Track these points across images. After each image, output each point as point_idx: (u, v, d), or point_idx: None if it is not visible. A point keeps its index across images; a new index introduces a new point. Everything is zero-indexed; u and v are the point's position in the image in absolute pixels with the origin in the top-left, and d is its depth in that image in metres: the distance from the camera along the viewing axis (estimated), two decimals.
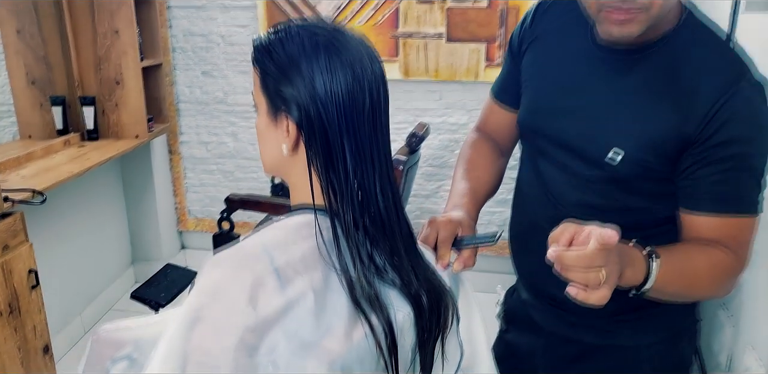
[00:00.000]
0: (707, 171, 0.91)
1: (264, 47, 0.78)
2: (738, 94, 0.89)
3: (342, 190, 0.76)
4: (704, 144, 0.90)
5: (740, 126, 0.89)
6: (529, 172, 1.12)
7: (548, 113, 1.05)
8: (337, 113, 0.75)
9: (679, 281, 0.87)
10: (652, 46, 0.95)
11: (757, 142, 0.91)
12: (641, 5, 0.87)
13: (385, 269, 0.78)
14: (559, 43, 1.05)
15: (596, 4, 0.91)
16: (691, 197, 0.93)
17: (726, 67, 0.93)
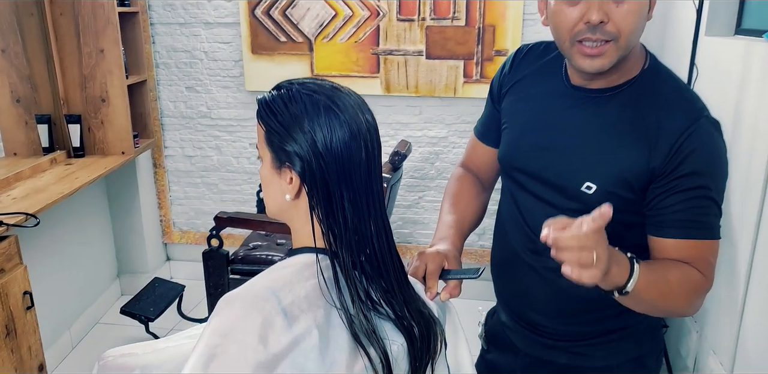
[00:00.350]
0: (672, 200, 1.00)
1: (268, 106, 0.85)
2: (698, 131, 0.99)
3: (341, 234, 0.84)
4: (669, 176, 0.99)
5: (701, 160, 0.99)
6: (508, 204, 1.20)
7: (526, 149, 1.13)
8: (336, 167, 0.82)
9: (655, 288, 0.94)
10: (620, 87, 1.05)
11: (716, 173, 1.01)
12: (610, 35, 0.96)
13: (381, 305, 0.86)
14: (535, 85, 1.14)
15: (569, 37, 0.99)
16: (659, 225, 1.02)
17: (686, 107, 1.02)
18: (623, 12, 0.95)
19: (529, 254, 1.14)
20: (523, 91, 1.16)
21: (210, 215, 3.21)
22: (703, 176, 0.99)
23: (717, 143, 1.01)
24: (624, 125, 1.03)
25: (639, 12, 0.96)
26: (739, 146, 1.74)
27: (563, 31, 0.99)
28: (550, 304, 1.14)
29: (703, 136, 0.99)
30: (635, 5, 0.95)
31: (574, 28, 0.97)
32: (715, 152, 1.01)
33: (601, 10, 0.94)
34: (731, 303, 1.71)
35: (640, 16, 0.97)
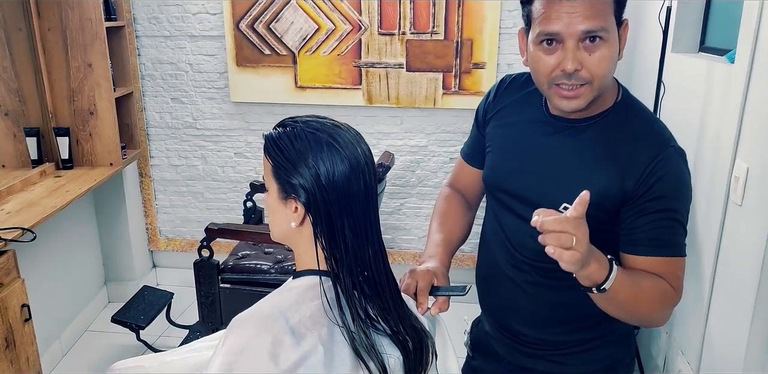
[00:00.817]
0: (643, 221, 1.10)
1: (275, 143, 0.93)
2: (665, 159, 1.09)
3: (342, 258, 0.93)
4: (639, 200, 1.09)
5: (668, 185, 1.09)
6: (492, 222, 1.29)
7: (508, 172, 1.22)
8: (338, 198, 0.91)
9: (630, 291, 1.03)
10: (595, 118, 1.14)
11: (681, 197, 1.11)
12: (584, 80, 1.05)
13: (378, 322, 0.95)
14: (517, 114, 1.24)
15: (547, 81, 1.08)
16: (631, 243, 1.12)
17: (655, 138, 1.12)
18: (596, 59, 1.04)
19: (511, 269, 1.23)
20: (506, 118, 1.25)
21: (196, 222, 3.27)
22: (670, 200, 1.09)
23: (682, 170, 1.11)
24: (598, 152, 1.13)
25: (610, 57, 1.05)
26: (703, 158, 1.86)
27: (541, 75, 1.08)
28: (530, 315, 1.23)
29: (670, 164, 1.09)
30: (606, 52, 1.04)
31: (551, 73, 1.06)
32: (681, 179, 1.11)
33: (575, 59, 1.03)
34: (697, 307, 1.83)
35: (611, 61, 1.06)
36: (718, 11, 2.09)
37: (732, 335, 1.60)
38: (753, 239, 1.51)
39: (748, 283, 1.52)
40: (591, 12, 1.01)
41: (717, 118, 1.77)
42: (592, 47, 1.04)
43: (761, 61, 1.52)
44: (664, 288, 1.09)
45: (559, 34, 1.03)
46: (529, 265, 1.20)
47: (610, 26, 1.04)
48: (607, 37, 1.04)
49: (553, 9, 1.02)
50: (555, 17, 1.02)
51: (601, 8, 1.02)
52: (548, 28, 1.03)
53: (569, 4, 1.01)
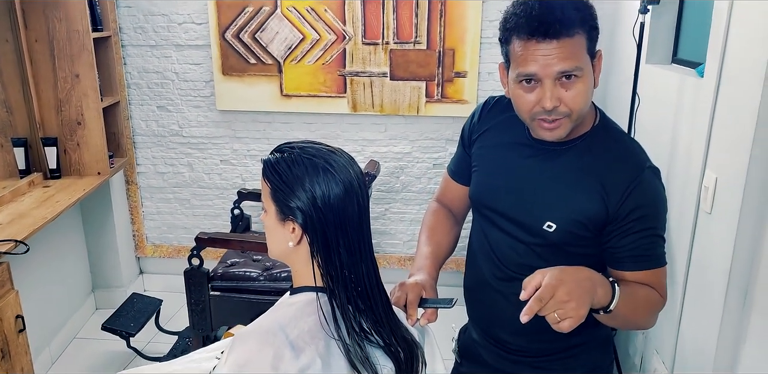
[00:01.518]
0: (627, 241, 1.18)
1: (273, 168, 0.99)
2: (643, 181, 1.17)
3: (337, 275, 0.99)
4: (622, 221, 1.17)
5: (647, 205, 1.17)
6: (478, 236, 1.36)
7: (494, 190, 1.29)
8: (334, 219, 0.97)
9: (629, 306, 1.11)
10: (575, 141, 1.21)
11: (659, 214, 1.20)
12: (563, 114, 1.13)
13: (372, 334, 1.01)
14: (501, 135, 1.30)
15: (529, 117, 1.16)
16: (617, 260, 1.21)
17: (632, 160, 1.20)
18: (572, 95, 1.11)
19: (497, 281, 1.30)
20: (490, 139, 1.32)
21: (182, 229, 3.31)
22: (650, 219, 1.17)
23: (658, 189, 1.20)
24: (578, 173, 1.20)
25: (585, 91, 1.13)
26: (676, 168, 1.95)
27: (523, 111, 1.16)
28: (515, 325, 1.29)
29: (648, 185, 1.17)
30: (582, 87, 1.11)
31: (531, 109, 1.14)
32: (658, 197, 1.20)
33: (553, 97, 1.10)
34: (671, 309, 1.92)
35: (586, 95, 1.13)
36: (689, 26, 2.18)
37: (703, 335, 1.68)
38: (722, 246, 1.60)
39: (717, 287, 1.60)
40: (565, 53, 1.08)
41: (688, 130, 1.85)
42: (569, 84, 1.10)
43: (728, 77, 1.60)
44: (654, 297, 1.19)
45: (536, 75, 1.10)
46: (514, 277, 1.27)
47: (584, 64, 1.11)
48: (582, 74, 1.11)
49: (530, 51, 1.09)
50: (531, 59, 1.09)
51: (575, 49, 1.09)
52: (526, 69, 1.10)
53: (544, 46, 1.07)
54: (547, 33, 1.06)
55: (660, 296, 1.20)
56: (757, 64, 1.41)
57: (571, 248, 1.22)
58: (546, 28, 1.06)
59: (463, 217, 1.47)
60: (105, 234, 3.11)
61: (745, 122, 1.47)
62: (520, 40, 1.10)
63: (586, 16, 1.11)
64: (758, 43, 1.41)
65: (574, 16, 1.08)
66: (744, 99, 1.48)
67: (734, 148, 1.54)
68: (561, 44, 1.07)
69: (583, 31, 1.10)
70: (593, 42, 1.13)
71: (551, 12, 1.07)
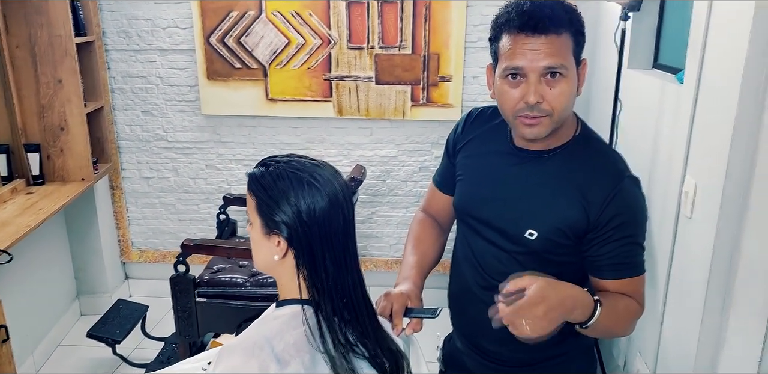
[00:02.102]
0: (607, 249, 1.20)
1: (258, 181, 1.00)
2: (623, 190, 1.19)
3: (323, 288, 1.00)
4: (602, 229, 1.19)
5: (627, 214, 1.19)
6: (462, 245, 1.38)
7: (477, 200, 1.31)
8: (319, 232, 0.98)
9: (609, 319, 1.14)
10: (556, 150, 1.24)
11: (639, 222, 1.22)
12: (545, 112, 1.15)
13: (357, 346, 1.02)
14: (485, 145, 1.32)
15: (512, 113, 1.18)
16: (597, 269, 1.23)
17: (612, 169, 1.22)
18: (555, 93, 1.14)
19: (481, 290, 1.32)
20: (474, 149, 1.34)
21: (168, 234, 3.29)
22: (629, 226, 1.20)
23: (638, 198, 1.22)
24: (560, 181, 1.22)
25: (569, 93, 1.16)
26: (657, 173, 1.98)
27: (507, 107, 1.18)
28: (499, 334, 1.31)
29: (627, 194, 1.20)
30: (566, 88, 1.15)
31: (515, 105, 1.16)
32: (637, 206, 1.22)
33: (537, 92, 1.13)
34: (653, 312, 1.95)
35: (570, 96, 1.16)
36: (670, 32, 2.21)
37: (684, 337, 1.71)
38: (702, 250, 1.62)
39: (697, 289, 1.63)
40: (552, 50, 1.12)
41: (669, 135, 1.88)
42: (553, 82, 1.14)
43: (706, 84, 1.63)
44: (633, 307, 1.21)
45: (523, 69, 1.13)
46: (496, 286, 1.28)
47: (569, 64, 1.14)
48: (566, 74, 1.14)
49: (518, 45, 1.13)
50: (520, 53, 1.13)
51: (562, 47, 1.13)
52: (513, 63, 1.14)
53: (533, 41, 1.12)
54: (536, 28, 1.11)
55: (638, 305, 1.22)
56: (734, 72, 1.44)
57: (552, 256, 1.24)
58: (535, 23, 1.11)
59: (449, 226, 1.49)
60: (90, 240, 3.09)
61: (723, 128, 1.50)
62: (509, 34, 1.14)
63: (573, 19, 1.16)
64: (736, 51, 1.43)
65: (563, 16, 1.13)
66: (722, 106, 1.51)
67: (713, 154, 1.57)
68: (549, 40, 1.11)
69: (570, 33, 1.14)
70: (579, 47, 1.17)
71: (541, 9, 1.12)
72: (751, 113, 1.42)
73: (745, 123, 1.43)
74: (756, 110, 1.41)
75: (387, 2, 2.79)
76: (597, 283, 1.23)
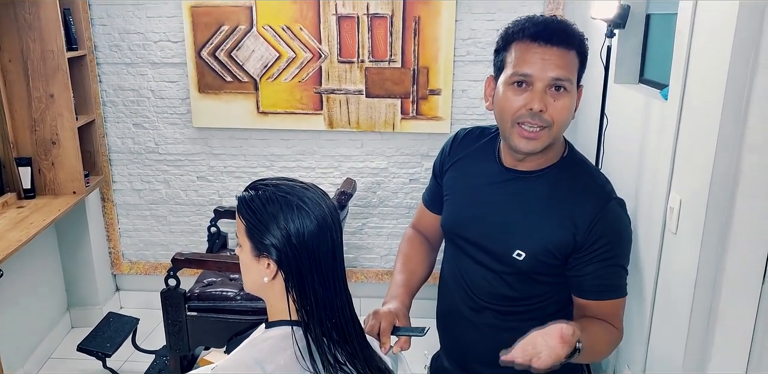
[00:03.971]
0: (589, 269, 1.22)
1: (248, 205, 1.01)
2: (608, 213, 1.21)
3: (312, 309, 1.01)
4: (587, 249, 1.21)
5: (611, 235, 1.21)
6: (450, 265, 1.39)
7: (464, 219, 1.32)
8: (308, 255, 0.99)
9: (587, 354, 1.14)
10: (544, 170, 1.25)
11: (623, 244, 1.24)
12: (546, 122, 1.16)
13: (347, 365, 1.04)
14: (472, 165, 1.33)
15: (512, 119, 1.18)
16: (580, 288, 1.25)
17: (598, 192, 1.24)
18: (559, 106, 1.16)
19: (468, 311, 1.33)
20: (461, 169, 1.35)
21: (159, 246, 3.29)
22: (613, 248, 1.21)
23: (623, 220, 1.24)
24: (548, 202, 1.24)
25: (570, 108, 1.18)
26: (642, 189, 2.01)
27: (508, 113, 1.18)
28: (486, 354, 1.31)
29: (613, 216, 1.22)
30: (568, 102, 1.17)
31: (517, 112, 1.17)
32: (622, 228, 1.24)
33: (542, 101, 1.15)
34: (641, 325, 1.97)
35: (570, 111, 1.19)
36: (655, 48, 2.25)
37: (671, 350, 1.73)
38: (687, 265, 1.65)
39: (683, 303, 1.65)
40: (561, 62, 1.14)
41: (654, 152, 1.91)
42: (557, 95, 1.16)
43: (690, 101, 1.66)
44: (613, 337, 1.24)
45: (531, 77, 1.15)
46: (485, 307, 1.30)
47: (573, 80, 1.17)
48: (570, 89, 1.17)
49: (530, 53, 1.15)
50: (531, 60, 1.15)
51: (570, 62, 1.16)
52: (523, 69, 1.15)
53: (545, 51, 1.14)
54: (550, 38, 1.14)
55: (616, 330, 1.24)
56: (717, 90, 1.47)
57: (539, 277, 1.26)
58: (550, 33, 1.14)
59: (439, 243, 1.50)
60: (80, 252, 3.09)
61: (707, 145, 1.53)
62: (522, 43, 1.16)
63: (582, 42, 1.19)
64: (718, 70, 1.47)
65: (575, 35, 1.17)
66: (706, 123, 1.54)
67: (697, 171, 1.60)
68: (560, 53, 1.14)
69: (578, 53, 1.17)
70: (582, 68, 1.20)
71: (556, 23, 1.16)
72: (734, 129, 1.45)
73: (729, 140, 1.46)
74: (739, 126, 1.44)
75: (377, 17, 2.82)
76: (579, 302, 1.25)
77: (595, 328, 1.21)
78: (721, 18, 1.47)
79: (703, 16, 1.58)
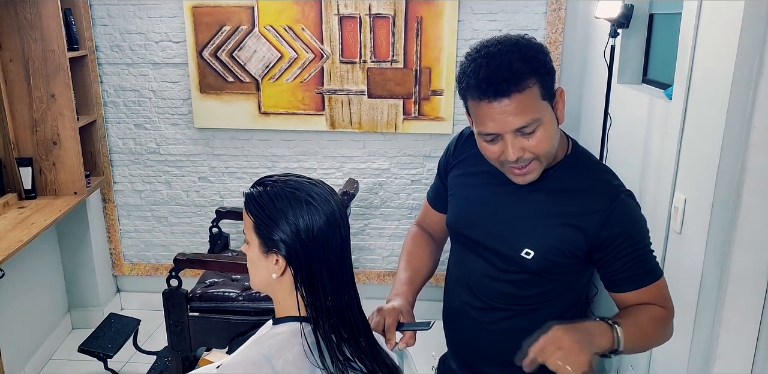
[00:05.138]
0: (619, 264, 1.20)
1: (256, 201, 1.01)
2: (620, 206, 1.19)
3: (321, 305, 1.01)
4: (609, 246, 1.19)
5: (631, 228, 1.20)
6: (456, 263, 1.38)
7: (470, 219, 1.31)
8: (317, 251, 0.99)
9: (637, 337, 1.14)
10: (549, 170, 1.23)
11: (641, 233, 1.22)
12: (529, 159, 1.15)
13: (355, 362, 1.03)
14: (477, 164, 1.31)
15: (498, 164, 1.19)
16: (614, 284, 1.23)
17: (606, 186, 1.23)
18: (534, 143, 1.13)
19: (473, 310, 1.32)
20: (466, 168, 1.34)
21: (160, 246, 3.29)
22: (634, 239, 1.20)
23: (635, 211, 1.23)
24: (555, 200, 1.23)
25: (548, 136, 1.14)
26: (647, 189, 2.00)
27: (491, 160, 1.19)
28: (493, 354, 1.32)
29: (625, 209, 1.20)
30: (543, 134, 1.13)
31: (498, 159, 1.17)
32: (637, 218, 1.22)
33: (515, 148, 1.12)
34: None
35: (550, 138, 1.15)
36: (658, 48, 2.25)
37: (675, 352, 1.73)
38: (691, 265, 1.65)
39: (688, 304, 1.65)
40: (519, 109, 1.09)
41: (658, 152, 1.91)
42: (529, 135, 1.12)
43: (694, 101, 1.66)
44: (659, 315, 1.21)
45: (494, 133, 1.12)
46: (491, 306, 1.29)
47: (541, 112, 1.12)
48: (541, 122, 1.12)
49: (484, 111, 1.10)
50: (488, 119, 1.10)
51: (528, 102, 1.09)
52: (485, 129, 1.13)
53: (497, 105, 1.08)
54: (497, 93, 1.07)
55: (663, 309, 1.22)
56: (722, 89, 1.47)
57: (547, 276, 1.24)
58: (495, 89, 1.07)
59: (443, 241, 1.50)
60: (81, 253, 3.08)
61: (712, 144, 1.53)
62: (473, 101, 1.11)
63: (535, 64, 1.10)
64: (724, 69, 1.46)
65: (522, 68, 1.08)
66: (710, 122, 1.54)
67: (702, 170, 1.60)
68: (513, 101, 1.08)
69: (536, 80, 1.09)
70: (548, 86, 1.13)
71: (498, 71, 1.07)
72: (739, 129, 1.45)
73: (734, 139, 1.46)
74: (744, 126, 1.44)
75: (379, 17, 2.82)
76: (617, 298, 1.23)
77: (635, 311, 1.19)
78: (726, 17, 1.47)
79: (708, 15, 1.58)
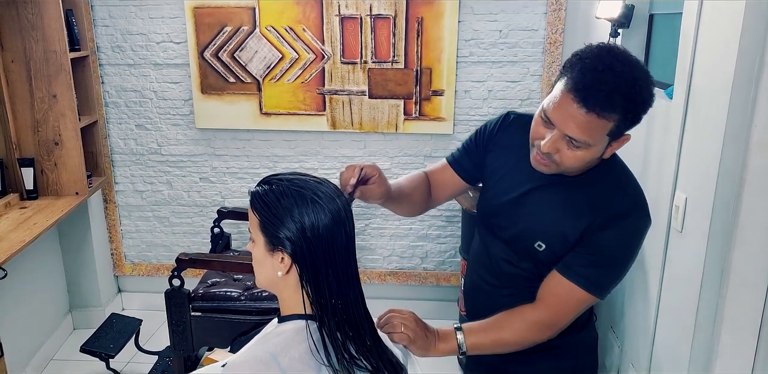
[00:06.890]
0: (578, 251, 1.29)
1: (262, 199, 1.01)
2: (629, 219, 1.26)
3: (327, 303, 1.01)
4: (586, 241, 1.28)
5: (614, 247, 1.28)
6: (479, 243, 1.47)
7: (497, 208, 1.39)
8: (323, 248, 1.00)
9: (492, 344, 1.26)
10: (580, 175, 1.29)
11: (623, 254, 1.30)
12: (553, 161, 1.20)
13: (360, 359, 1.04)
14: (514, 156, 1.36)
15: (531, 141, 1.24)
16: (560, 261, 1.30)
17: (632, 197, 1.29)
18: (569, 154, 1.18)
19: (489, 287, 1.43)
20: (503, 158, 1.39)
21: (161, 247, 3.29)
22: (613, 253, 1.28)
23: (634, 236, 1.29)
24: (576, 205, 1.29)
25: (584, 159, 1.19)
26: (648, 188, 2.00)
27: (531, 136, 1.24)
28: None
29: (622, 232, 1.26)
30: (583, 154, 1.18)
31: (535, 139, 1.22)
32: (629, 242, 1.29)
33: (553, 144, 1.17)
34: (646, 324, 1.97)
35: (583, 161, 1.20)
36: (659, 48, 2.25)
37: (676, 350, 1.73)
38: (692, 263, 1.65)
39: (689, 303, 1.66)
40: (584, 126, 1.12)
41: (658, 151, 1.92)
42: (573, 147, 1.17)
43: (695, 100, 1.67)
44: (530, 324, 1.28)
45: (552, 121, 1.16)
46: (504, 285, 1.40)
47: (596, 142, 1.15)
48: (588, 147, 1.16)
49: (563, 102, 1.14)
50: (560, 108, 1.14)
51: (596, 129, 1.13)
52: (549, 111, 1.17)
53: (575, 108, 1.12)
54: (583, 100, 1.10)
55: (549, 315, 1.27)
56: (723, 88, 1.47)
57: (553, 262, 1.33)
58: (584, 96, 1.10)
59: (438, 201, 1.52)
60: (83, 253, 3.08)
61: (713, 143, 1.53)
62: (565, 86, 1.14)
63: (630, 106, 1.12)
64: (724, 68, 1.47)
65: (618, 102, 1.10)
66: (711, 121, 1.54)
67: (702, 169, 1.60)
68: (588, 118, 1.11)
69: (618, 117, 1.12)
70: (622, 128, 1.16)
71: (601, 87, 1.09)
72: (740, 128, 1.45)
73: (735, 138, 1.46)
74: (745, 124, 1.44)
75: (380, 18, 2.83)
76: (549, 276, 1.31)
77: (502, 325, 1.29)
78: (727, 17, 1.47)
79: (709, 15, 1.59)
